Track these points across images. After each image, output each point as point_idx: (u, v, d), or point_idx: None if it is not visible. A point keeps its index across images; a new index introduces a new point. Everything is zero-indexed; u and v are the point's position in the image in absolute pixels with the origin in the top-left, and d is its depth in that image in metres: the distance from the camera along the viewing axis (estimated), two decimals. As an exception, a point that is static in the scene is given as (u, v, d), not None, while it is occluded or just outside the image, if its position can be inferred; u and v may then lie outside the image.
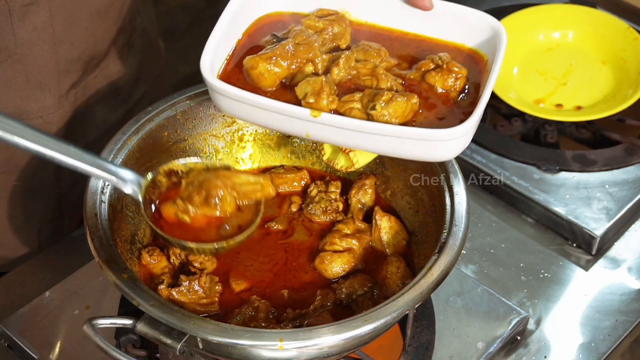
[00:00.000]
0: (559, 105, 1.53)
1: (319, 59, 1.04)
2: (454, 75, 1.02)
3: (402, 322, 1.14)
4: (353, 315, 1.04)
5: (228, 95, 0.99)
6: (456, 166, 1.11)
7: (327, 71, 1.03)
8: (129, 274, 0.98)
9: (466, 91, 1.03)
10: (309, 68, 1.03)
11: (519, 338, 1.22)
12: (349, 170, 1.10)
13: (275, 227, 1.17)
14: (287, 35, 1.06)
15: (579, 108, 1.52)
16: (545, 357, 1.21)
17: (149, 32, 1.41)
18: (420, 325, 1.18)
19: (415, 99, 0.99)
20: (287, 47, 1.03)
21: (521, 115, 1.51)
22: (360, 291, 1.08)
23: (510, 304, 1.22)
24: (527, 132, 1.52)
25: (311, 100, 0.98)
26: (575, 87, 1.56)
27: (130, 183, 1.01)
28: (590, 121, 1.49)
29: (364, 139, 0.97)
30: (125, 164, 1.11)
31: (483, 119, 1.59)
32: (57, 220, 1.37)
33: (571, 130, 1.52)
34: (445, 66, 1.02)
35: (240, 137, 1.24)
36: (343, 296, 1.08)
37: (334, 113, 0.98)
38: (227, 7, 1.06)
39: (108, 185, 1.08)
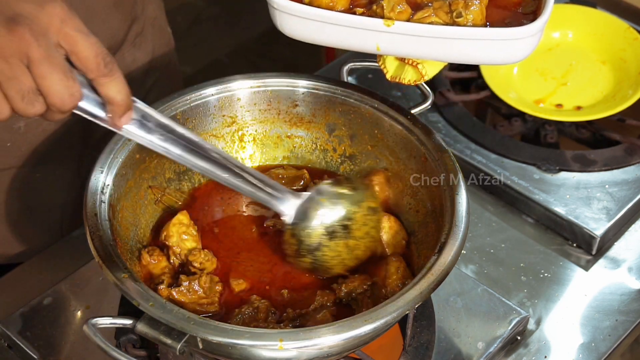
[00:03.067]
0: (559, 105, 1.53)
1: None
2: None
3: (402, 322, 1.14)
4: (353, 314, 1.04)
5: (295, 13, 0.99)
6: (456, 166, 1.11)
7: None
8: (129, 274, 0.98)
9: None
10: None
11: (519, 338, 1.22)
12: (417, 83, 1.10)
13: (274, 227, 1.16)
14: None
15: (579, 108, 1.52)
16: (545, 357, 1.21)
17: (160, 20, 1.43)
18: (420, 325, 1.18)
19: (483, 1, 1.01)
20: None
21: (521, 115, 1.51)
22: (360, 289, 1.08)
23: (510, 304, 1.22)
24: (527, 132, 1.52)
25: (394, 10, 1.00)
26: (575, 87, 1.56)
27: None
28: (590, 121, 1.49)
29: (438, 45, 0.99)
30: (125, 164, 1.11)
31: (483, 119, 1.60)
32: (79, 211, 1.39)
33: (571, 130, 1.52)
34: None
35: (241, 137, 1.24)
36: (343, 294, 1.08)
37: None
38: None
39: (108, 185, 1.08)
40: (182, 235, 1.12)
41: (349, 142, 1.23)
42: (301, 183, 1.22)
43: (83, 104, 0.89)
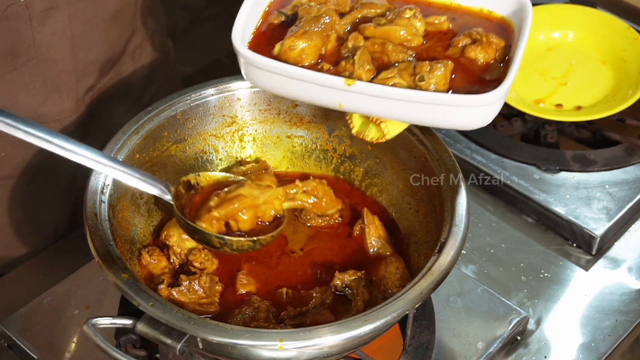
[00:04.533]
0: (559, 105, 1.53)
1: (338, 25, 1.06)
2: (494, 46, 1.04)
3: (402, 322, 1.14)
4: (350, 307, 1.05)
5: (261, 66, 1.00)
6: (456, 166, 1.11)
7: (345, 37, 1.05)
8: (129, 274, 0.98)
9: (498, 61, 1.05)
10: (334, 36, 1.05)
11: (519, 338, 1.22)
12: (380, 141, 1.09)
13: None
14: (294, 11, 1.07)
15: (579, 108, 1.52)
16: (545, 357, 1.21)
17: (159, 33, 1.43)
18: (420, 325, 1.18)
19: (450, 63, 1.01)
20: (312, 21, 1.04)
21: (521, 115, 1.51)
22: (354, 276, 1.08)
23: (510, 304, 1.22)
24: (527, 132, 1.52)
25: (363, 68, 1.01)
26: (575, 87, 1.56)
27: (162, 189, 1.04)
28: (590, 121, 1.49)
29: (398, 107, 0.98)
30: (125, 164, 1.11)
31: (483, 119, 1.60)
32: (71, 224, 1.38)
33: (571, 130, 1.51)
34: (484, 39, 1.04)
35: (241, 137, 1.24)
36: (338, 282, 1.08)
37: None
38: None
39: (108, 185, 1.08)
40: (182, 235, 1.11)
41: (349, 142, 1.23)
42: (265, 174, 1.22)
43: None
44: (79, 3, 1.19)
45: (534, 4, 1.64)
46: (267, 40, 1.06)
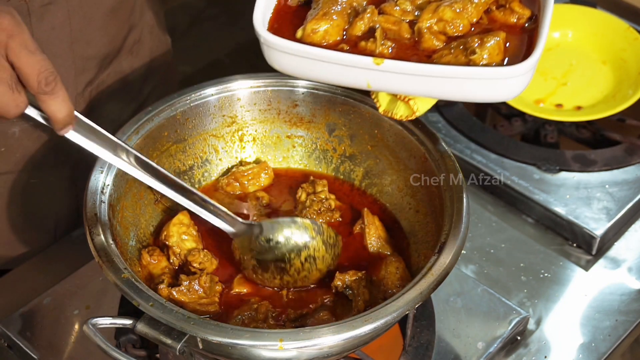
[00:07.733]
0: (559, 105, 1.53)
1: (356, 2, 1.05)
2: (517, 15, 1.03)
3: (402, 322, 1.14)
4: (351, 308, 1.05)
5: (284, 50, 0.99)
6: (456, 166, 1.11)
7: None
8: (129, 274, 0.98)
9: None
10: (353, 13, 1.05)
11: (519, 338, 1.22)
12: (409, 118, 1.09)
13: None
14: None
15: (579, 108, 1.52)
16: (545, 357, 1.21)
17: (157, 28, 1.43)
18: (420, 325, 1.18)
19: (501, 36, 1.00)
20: (330, 1, 1.04)
21: (521, 115, 1.51)
22: (355, 277, 1.08)
23: (511, 304, 1.22)
24: (527, 132, 1.52)
25: (385, 45, 1.00)
26: (575, 87, 1.56)
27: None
28: (590, 121, 1.49)
29: (426, 83, 0.97)
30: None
31: (483, 119, 1.60)
32: (74, 218, 1.38)
33: (571, 130, 1.52)
34: (507, 6, 1.03)
35: (241, 137, 1.24)
36: (338, 283, 1.08)
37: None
38: None
39: (108, 185, 1.08)
40: (182, 235, 1.12)
41: (349, 142, 1.23)
42: (265, 175, 1.22)
43: (29, 111, 0.93)
44: None
45: (534, 4, 1.65)
46: (286, 24, 1.05)
